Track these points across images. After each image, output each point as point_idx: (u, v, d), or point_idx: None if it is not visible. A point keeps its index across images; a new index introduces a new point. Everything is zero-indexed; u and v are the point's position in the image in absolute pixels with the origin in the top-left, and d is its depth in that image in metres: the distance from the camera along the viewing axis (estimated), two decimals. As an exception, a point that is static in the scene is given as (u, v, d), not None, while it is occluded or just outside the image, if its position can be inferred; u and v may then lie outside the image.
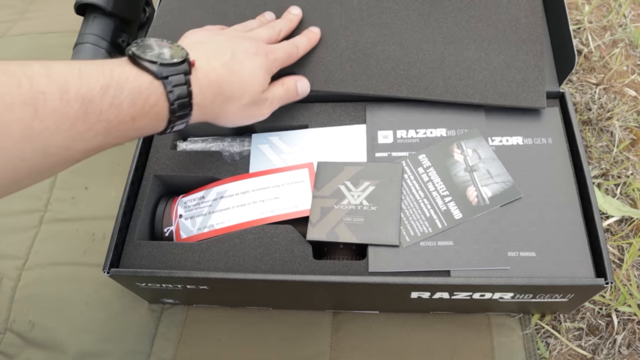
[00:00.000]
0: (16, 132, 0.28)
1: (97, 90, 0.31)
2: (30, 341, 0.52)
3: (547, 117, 0.48)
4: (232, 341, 0.50)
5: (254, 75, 0.42)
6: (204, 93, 0.38)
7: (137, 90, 0.33)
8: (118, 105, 0.32)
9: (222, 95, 0.40)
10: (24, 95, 0.28)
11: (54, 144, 0.30)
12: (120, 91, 0.32)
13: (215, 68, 0.40)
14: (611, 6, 0.71)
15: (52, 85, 0.29)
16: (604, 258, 0.39)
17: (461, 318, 0.49)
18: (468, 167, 0.46)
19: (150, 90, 0.34)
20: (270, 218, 0.45)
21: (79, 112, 0.30)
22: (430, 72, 0.50)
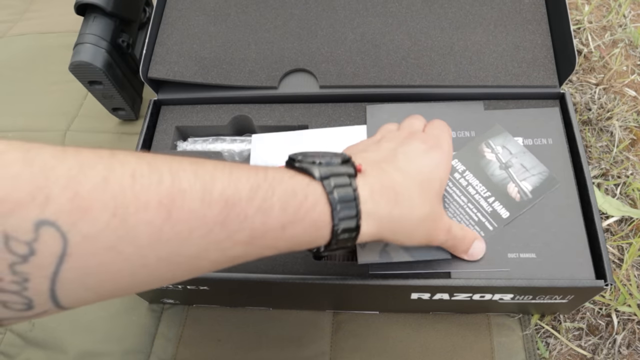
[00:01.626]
0: (144, 237, 0.23)
1: (245, 192, 0.26)
2: (30, 341, 0.52)
3: (547, 117, 0.48)
4: (232, 341, 0.50)
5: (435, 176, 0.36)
6: (377, 199, 0.32)
7: (291, 191, 0.28)
8: (267, 209, 0.27)
9: (400, 203, 0.33)
10: (161, 194, 0.23)
11: (183, 253, 0.24)
12: (272, 193, 0.27)
13: (389, 172, 0.34)
14: (611, 6, 0.71)
15: (197, 183, 0.25)
16: (604, 259, 0.39)
17: (461, 318, 0.49)
18: (502, 164, 0.45)
19: (307, 191, 0.29)
20: None
21: (219, 217, 0.25)
22: (441, 58, 0.50)
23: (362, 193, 0.31)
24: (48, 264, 0.20)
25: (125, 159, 0.23)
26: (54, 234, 0.20)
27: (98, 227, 0.21)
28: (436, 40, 0.52)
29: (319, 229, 0.29)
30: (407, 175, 0.34)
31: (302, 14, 0.55)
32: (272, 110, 0.51)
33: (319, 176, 0.30)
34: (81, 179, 0.21)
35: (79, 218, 0.21)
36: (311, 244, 0.30)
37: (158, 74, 0.52)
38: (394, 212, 0.32)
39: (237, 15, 0.55)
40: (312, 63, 0.52)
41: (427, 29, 0.52)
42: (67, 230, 0.20)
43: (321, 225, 0.29)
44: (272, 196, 0.27)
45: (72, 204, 0.21)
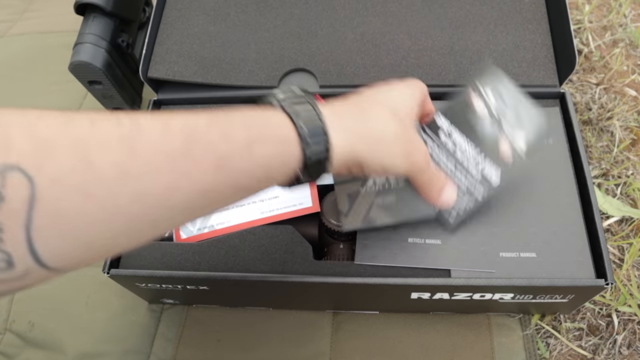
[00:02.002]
0: (110, 175, 0.22)
1: (204, 121, 0.26)
2: (30, 341, 0.52)
3: (547, 117, 0.48)
4: (232, 341, 0.50)
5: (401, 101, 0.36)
6: (339, 114, 0.32)
7: (252, 114, 0.29)
8: (229, 132, 0.27)
9: (367, 116, 0.33)
10: (121, 132, 0.23)
11: (154, 187, 0.24)
12: (233, 119, 0.28)
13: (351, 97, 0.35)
14: (611, 6, 0.71)
15: (155, 120, 0.25)
16: (604, 258, 0.39)
17: (461, 318, 0.49)
18: (494, 117, 0.40)
19: (268, 114, 0.29)
20: (270, 218, 0.45)
21: (183, 147, 0.25)
22: (441, 58, 0.50)
23: (324, 110, 0.31)
24: (19, 210, 0.20)
25: (84, 112, 0.24)
26: (20, 178, 0.20)
27: (64, 169, 0.21)
28: (436, 40, 0.52)
29: (287, 143, 0.29)
30: (374, 99, 0.35)
31: (302, 14, 0.55)
32: (272, 110, 0.51)
33: (277, 101, 0.31)
34: (41, 125, 0.22)
35: (43, 161, 0.21)
36: (284, 166, 0.29)
37: (158, 74, 0.52)
38: (362, 125, 0.33)
39: (237, 15, 0.55)
40: (312, 63, 0.52)
41: (427, 28, 0.52)
42: (33, 175, 0.20)
43: (289, 141, 0.29)
44: (233, 121, 0.27)
45: (35, 148, 0.21)
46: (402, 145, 0.34)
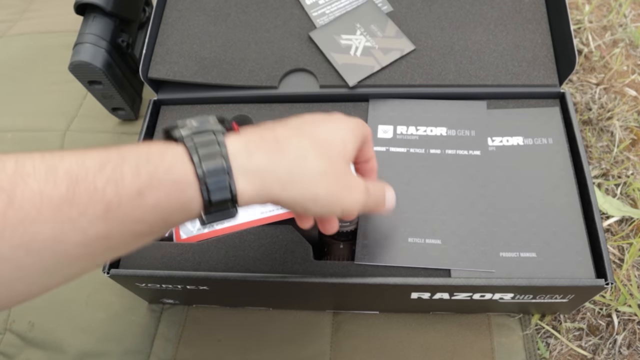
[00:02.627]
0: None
1: (92, 165, 0.24)
2: (30, 341, 0.52)
3: (547, 117, 0.48)
4: (232, 341, 0.50)
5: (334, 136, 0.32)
6: (251, 150, 0.28)
7: (145, 156, 0.25)
8: (117, 178, 0.24)
9: (286, 153, 0.29)
10: (2, 179, 0.22)
11: (38, 237, 0.23)
12: (123, 161, 0.25)
13: (273, 127, 0.30)
14: (611, 6, 0.71)
15: (42, 165, 0.23)
16: (604, 258, 0.39)
17: (461, 318, 0.49)
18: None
19: (164, 153, 0.26)
20: (271, 218, 0.45)
21: (67, 194, 0.23)
22: (441, 58, 0.51)
23: (233, 147, 0.27)
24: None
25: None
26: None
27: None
28: (436, 40, 0.52)
29: (183, 190, 0.26)
30: (297, 130, 0.30)
31: (302, 14, 0.55)
32: (272, 109, 0.51)
33: (179, 136, 0.27)
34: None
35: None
36: (184, 211, 0.27)
37: (158, 74, 0.52)
38: (278, 162, 0.28)
39: (237, 15, 0.55)
40: (312, 63, 0.52)
41: (427, 28, 0.52)
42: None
43: (185, 185, 0.26)
44: (122, 164, 0.25)
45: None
46: (329, 187, 0.30)
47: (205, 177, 0.26)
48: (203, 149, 0.27)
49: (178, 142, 0.27)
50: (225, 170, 0.26)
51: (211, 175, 0.26)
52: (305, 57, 0.52)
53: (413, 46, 0.52)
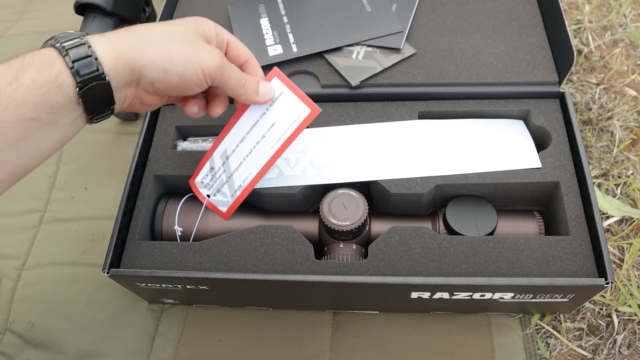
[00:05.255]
0: None
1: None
2: (30, 341, 0.52)
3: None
4: (232, 341, 0.50)
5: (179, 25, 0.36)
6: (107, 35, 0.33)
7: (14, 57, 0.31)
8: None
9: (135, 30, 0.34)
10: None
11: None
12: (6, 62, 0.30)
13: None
14: (611, 6, 0.71)
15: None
16: (605, 258, 0.39)
17: (461, 318, 0.49)
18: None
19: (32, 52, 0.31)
20: (283, 146, 0.43)
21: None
22: (441, 59, 0.52)
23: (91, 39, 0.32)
24: None
25: None
26: None
27: None
28: (436, 44, 0.53)
29: (52, 64, 0.30)
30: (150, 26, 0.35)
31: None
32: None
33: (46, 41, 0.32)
34: None
35: None
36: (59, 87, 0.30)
37: None
38: (130, 34, 0.33)
39: None
40: (314, 66, 0.52)
41: (426, 34, 0.54)
42: None
43: (52, 60, 0.30)
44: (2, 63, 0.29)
45: None
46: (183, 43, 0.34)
47: (67, 50, 0.31)
48: (62, 36, 0.32)
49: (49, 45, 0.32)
50: (83, 44, 0.31)
51: (72, 48, 0.31)
52: (307, 60, 0.53)
53: (414, 50, 0.52)
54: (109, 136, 0.65)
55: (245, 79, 0.38)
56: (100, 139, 0.65)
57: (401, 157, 0.47)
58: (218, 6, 0.59)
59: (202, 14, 0.58)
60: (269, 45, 0.53)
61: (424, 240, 0.43)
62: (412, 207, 0.47)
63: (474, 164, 0.46)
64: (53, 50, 0.31)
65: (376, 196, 0.49)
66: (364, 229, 0.45)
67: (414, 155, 0.47)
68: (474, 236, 0.43)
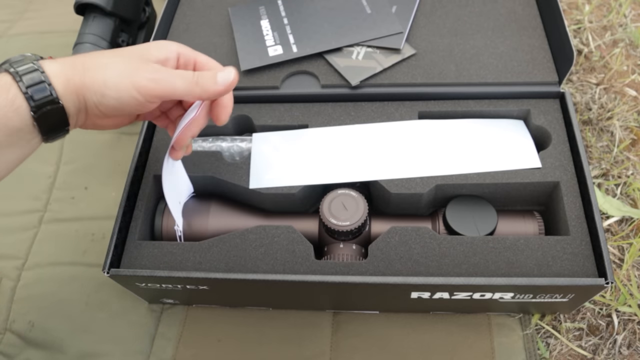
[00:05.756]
0: None
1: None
2: (30, 341, 0.52)
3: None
4: (232, 341, 0.50)
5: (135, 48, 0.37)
6: (58, 61, 0.34)
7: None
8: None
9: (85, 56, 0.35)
10: None
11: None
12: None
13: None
14: (611, 6, 0.71)
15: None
16: (605, 258, 0.39)
17: (461, 318, 0.49)
18: None
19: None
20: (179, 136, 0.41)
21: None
22: (440, 60, 0.52)
23: (44, 64, 0.33)
24: None
25: None
26: None
27: None
28: (435, 45, 0.53)
29: (7, 90, 0.31)
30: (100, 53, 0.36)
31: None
32: (272, 109, 0.51)
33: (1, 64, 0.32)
34: None
35: None
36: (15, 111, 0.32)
37: None
38: (76, 60, 0.35)
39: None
40: (314, 66, 0.52)
41: (426, 36, 0.54)
42: None
43: (7, 86, 0.31)
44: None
45: None
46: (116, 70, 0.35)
47: (20, 76, 0.32)
48: (17, 64, 0.33)
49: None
50: (37, 69, 0.32)
51: (25, 74, 0.32)
52: (307, 61, 0.53)
53: (414, 50, 0.52)
54: (109, 136, 0.65)
55: (197, 76, 0.37)
56: (100, 139, 0.65)
57: (401, 157, 0.47)
58: (219, 8, 0.59)
59: (202, 15, 0.58)
60: (269, 45, 0.53)
61: (424, 240, 0.43)
62: (412, 207, 0.47)
63: (474, 164, 0.46)
64: (7, 75, 0.32)
65: (376, 196, 0.49)
66: (364, 229, 0.45)
67: (414, 155, 0.47)
68: (474, 236, 0.43)
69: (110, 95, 0.34)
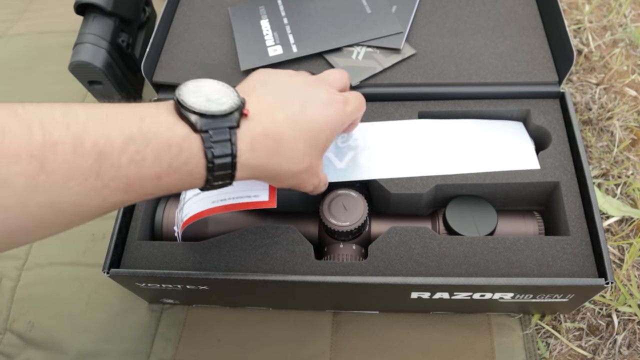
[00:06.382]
0: (19, 186, 0.24)
1: (117, 143, 0.27)
2: (30, 341, 0.52)
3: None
4: (232, 341, 0.50)
5: (325, 131, 0.35)
6: (257, 150, 0.32)
7: (166, 144, 0.28)
8: (140, 160, 0.28)
9: (280, 155, 0.33)
10: (32, 146, 0.25)
11: (64, 200, 0.26)
12: (146, 144, 0.28)
13: (277, 120, 0.33)
14: (611, 6, 0.71)
15: (68, 136, 0.26)
16: (605, 258, 0.39)
17: (461, 318, 0.49)
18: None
19: (182, 145, 0.29)
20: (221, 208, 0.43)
21: (94, 167, 0.26)
22: (440, 60, 0.52)
23: (242, 146, 0.31)
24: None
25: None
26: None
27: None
28: (435, 45, 0.53)
29: (194, 179, 0.31)
30: (296, 125, 0.34)
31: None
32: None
33: (198, 128, 0.29)
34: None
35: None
36: (187, 188, 0.32)
37: (163, 78, 0.53)
38: (271, 162, 0.33)
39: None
40: (314, 67, 0.52)
41: (426, 36, 0.54)
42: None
43: (198, 176, 0.30)
44: (145, 147, 0.28)
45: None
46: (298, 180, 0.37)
47: (214, 171, 0.30)
48: (217, 147, 0.30)
49: (196, 131, 0.29)
50: (232, 169, 0.31)
51: (219, 169, 0.30)
52: (307, 61, 0.53)
53: (414, 50, 0.52)
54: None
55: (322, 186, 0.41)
56: (100, 139, 0.65)
57: (400, 157, 0.47)
58: (219, 8, 0.59)
59: (202, 15, 0.58)
60: (269, 46, 0.53)
61: (423, 241, 0.43)
62: (412, 207, 0.47)
63: (473, 164, 0.46)
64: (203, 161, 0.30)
65: (376, 196, 0.49)
66: (363, 230, 0.45)
67: (413, 154, 0.47)
68: (474, 236, 0.43)
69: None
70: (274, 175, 0.34)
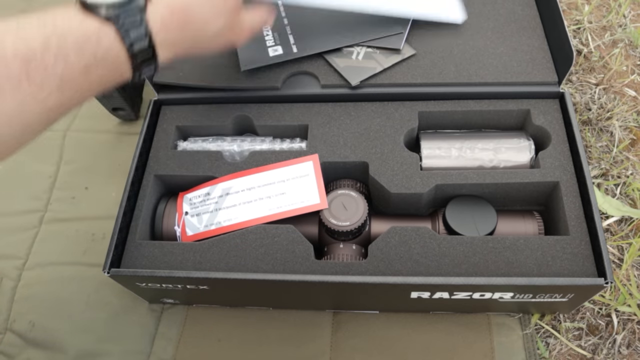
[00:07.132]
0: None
1: (37, 45, 0.29)
2: (30, 341, 0.52)
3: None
4: (232, 341, 0.50)
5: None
6: (168, 27, 0.35)
7: (83, 37, 0.30)
8: (64, 57, 0.29)
9: (192, 24, 0.36)
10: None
11: (4, 109, 0.28)
12: (64, 41, 0.30)
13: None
14: (611, 6, 0.71)
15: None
16: (604, 258, 0.39)
17: (461, 318, 0.49)
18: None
19: (99, 34, 0.31)
20: (276, 215, 0.45)
21: (22, 71, 0.28)
22: (440, 60, 0.52)
23: (154, 26, 0.33)
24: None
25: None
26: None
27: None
28: (435, 46, 0.53)
29: (121, 66, 0.33)
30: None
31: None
32: (272, 110, 0.52)
33: (108, 17, 0.31)
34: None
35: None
36: (120, 79, 0.34)
37: (163, 78, 0.53)
38: (187, 34, 0.36)
39: None
40: (314, 66, 0.52)
41: (425, 35, 0.54)
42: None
43: (123, 63, 0.33)
44: (65, 43, 0.30)
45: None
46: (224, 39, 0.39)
47: (136, 56, 0.33)
48: (133, 31, 0.32)
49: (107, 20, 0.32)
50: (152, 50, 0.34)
51: (140, 52, 0.33)
52: (307, 61, 0.53)
53: (413, 50, 0.52)
54: (109, 136, 0.65)
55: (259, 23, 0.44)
56: (100, 139, 0.65)
57: None
58: None
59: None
60: (270, 46, 0.53)
61: (423, 240, 0.43)
62: (412, 207, 0.47)
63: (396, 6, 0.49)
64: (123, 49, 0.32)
65: (376, 196, 0.49)
66: (363, 229, 0.45)
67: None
68: (474, 236, 0.43)
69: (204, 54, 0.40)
70: (195, 44, 0.37)
